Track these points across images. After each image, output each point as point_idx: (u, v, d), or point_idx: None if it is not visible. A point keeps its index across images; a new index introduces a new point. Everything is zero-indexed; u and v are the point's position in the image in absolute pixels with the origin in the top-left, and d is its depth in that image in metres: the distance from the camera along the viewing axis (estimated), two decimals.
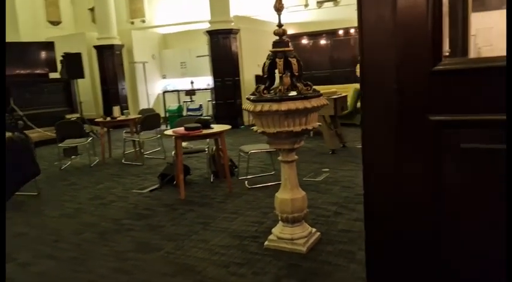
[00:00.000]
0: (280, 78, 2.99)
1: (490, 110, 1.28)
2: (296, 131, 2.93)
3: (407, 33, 1.36)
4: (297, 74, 2.98)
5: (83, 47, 11.53)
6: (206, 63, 10.77)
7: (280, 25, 3.05)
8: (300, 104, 2.84)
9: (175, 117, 10.95)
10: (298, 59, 3.01)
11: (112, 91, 11.71)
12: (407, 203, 1.49)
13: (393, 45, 1.39)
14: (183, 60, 12.71)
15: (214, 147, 5.42)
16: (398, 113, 1.43)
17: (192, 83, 12.28)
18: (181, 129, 4.64)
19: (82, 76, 10.12)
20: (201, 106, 11.17)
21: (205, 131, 4.61)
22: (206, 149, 5.37)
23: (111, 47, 11.52)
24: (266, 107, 2.86)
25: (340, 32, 11.98)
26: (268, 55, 3.05)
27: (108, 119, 7.06)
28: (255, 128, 3.12)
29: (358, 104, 9.58)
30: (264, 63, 3.04)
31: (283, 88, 2.96)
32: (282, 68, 2.95)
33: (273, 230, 3.31)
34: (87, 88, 11.86)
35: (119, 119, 7.11)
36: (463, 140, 1.33)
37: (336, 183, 4.86)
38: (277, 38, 3.07)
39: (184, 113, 11.34)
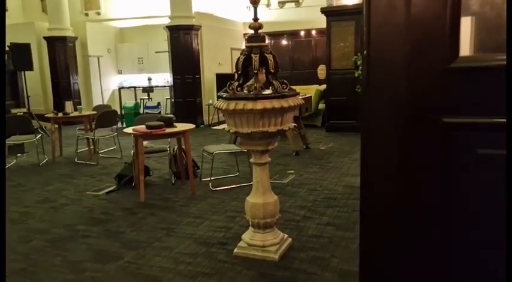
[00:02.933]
0: (255, 74, 2.81)
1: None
2: (271, 131, 2.76)
3: (422, 25, 1.22)
4: (273, 70, 2.81)
5: (31, 37, 10.80)
6: (165, 59, 10.40)
7: (256, 19, 2.86)
8: (276, 103, 2.67)
9: (131, 115, 10.51)
10: (274, 55, 2.84)
11: (63, 85, 11.05)
12: (410, 209, 1.35)
13: (405, 39, 1.25)
14: (140, 56, 12.24)
15: (176, 147, 5.16)
16: (406, 112, 1.29)
17: (149, 79, 11.84)
18: (142, 128, 4.34)
19: (31, 68, 9.45)
20: (159, 104, 10.79)
21: (168, 130, 4.34)
22: (168, 149, 5.08)
23: (63, 38, 10.86)
24: (240, 105, 2.67)
25: (302, 33, 11.99)
26: (243, 50, 2.87)
27: (60, 114, 6.58)
28: (226, 127, 2.92)
29: (320, 106, 9.62)
30: (238, 59, 2.85)
31: (258, 85, 2.78)
32: (258, 64, 2.77)
33: (243, 236, 3.12)
34: (36, 81, 11.13)
35: (72, 115, 6.65)
36: (481, 145, 1.21)
37: (302, 186, 4.74)
38: (252, 32, 2.88)
39: (142, 110, 10.91)
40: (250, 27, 2.89)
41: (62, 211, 4.18)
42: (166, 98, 11.19)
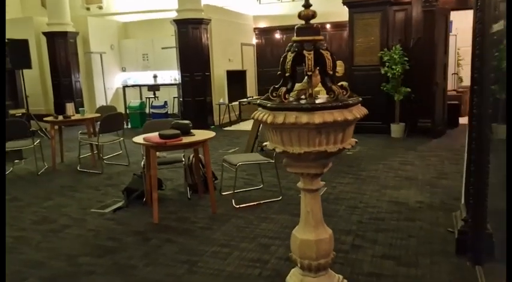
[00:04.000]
0: (308, 77, 2.18)
1: None
2: (331, 151, 2.13)
3: None
4: (331, 72, 2.17)
5: (30, 33, 10.19)
6: (171, 55, 9.76)
7: (307, 5, 2.23)
8: (338, 115, 2.04)
9: (136, 115, 9.93)
10: (332, 53, 2.21)
11: (64, 84, 10.42)
12: None
13: None
14: (145, 52, 11.61)
15: (191, 156, 4.54)
16: None
17: (155, 77, 11.22)
18: (155, 137, 3.72)
19: (29, 66, 8.82)
20: (165, 103, 10.15)
21: (186, 139, 3.71)
22: (183, 159, 4.45)
23: (63, 34, 10.23)
24: (291, 118, 2.03)
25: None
26: (291, 46, 2.23)
27: (60, 117, 5.96)
28: (269, 145, 2.28)
29: None
30: (285, 57, 2.21)
31: (313, 92, 2.15)
32: (313, 64, 2.13)
33: (288, 278, 2.50)
34: (35, 80, 10.53)
35: (73, 118, 6.02)
36: None
37: (340, 202, 4.12)
38: (303, 22, 2.24)
39: (147, 110, 10.29)
40: (300, 16, 2.25)
41: (62, 235, 3.56)
42: (174, 97, 10.56)
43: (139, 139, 3.82)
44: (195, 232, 3.51)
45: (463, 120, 8.67)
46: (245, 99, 10.04)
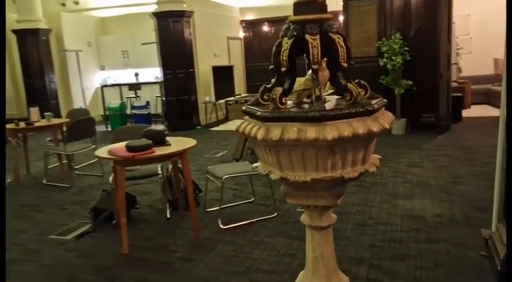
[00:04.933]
0: (314, 72, 1.54)
1: None
2: (349, 177, 1.50)
3: None
4: (345, 64, 1.54)
5: None
6: (153, 52, 9.05)
7: None
8: (360, 126, 1.41)
9: (117, 117, 9.23)
10: (345, 37, 1.57)
11: (38, 85, 9.66)
12: None
13: None
14: (125, 49, 10.88)
15: (170, 167, 3.90)
16: None
17: (136, 75, 10.51)
18: (121, 149, 3.06)
19: None
20: (148, 103, 9.43)
21: (159, 151, 3.05)
22: (159, 172, 3.79)
23: (34, 31, 9.45)
24: (292, 132, 1.40)
25: None
26: (287, 29, 1.59)
27: (22, 124, 5.25)
28: (261, 168, 1.64)
29: None
30: (279, 45, 1.58)
31: (321, 93, 1.51)
32: (319, 54, 1.50)
33: None
34: (6, 81, 9.73)
35: (37, 125, 5.32)
36: None
37: (346, 218, 3.49)
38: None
39: (129, 111, 9.58)
40: None
41: (9, 275, 2.90)
42: (157, 96, 9.86)
43: (103, 152, 3.15)
44: (174, 265, 2.86)
45: (466, 113, 8.13)
46: (232, 98, 9.34)
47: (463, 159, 5.19)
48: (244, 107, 1.64)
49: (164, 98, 8.85)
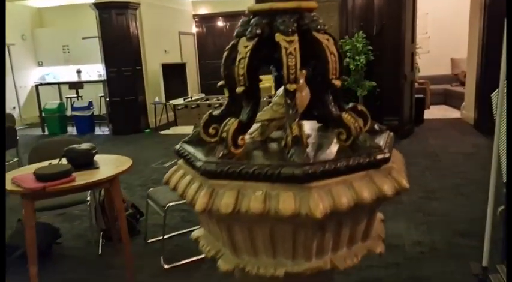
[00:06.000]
0: (289, 94, 0.96)
1: None
2: (343, 266, 0.94)
3: None
4: (337, 82, 0.98)
5: None
6: (96, 47, 8.19)
7: None
8: (365, 187, 0.85)
9: (55, 119, 8.31)
10: (335, 39, 1.01)
11: None
12: None
13: None
14: (65, 43, 9.89)
15: (102, 190, 3.22)
16: None
17: (79, 72, 9.56)
18: (29, 177, 2.35)
19: None
20: (90, 104, 8.54)
21: (82, 178, 2.37)
22: (88, 199, 3.10)
23: None
24: (255, 201, 0.82)
25: None
26: (246, 24, 1.01)
27: None
28: (204, 243, 1.06)
29: None
30: (233, 48, 0.99)
31: (302, 132, 0.94)
32: (297, 66, 0.92)
33: None
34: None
35: None
36: None
37: None
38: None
39: (69, 112, 8.66)
40: None
41: None
42: (100, 96, 8.98)
43: (7, 183, 2.42)
44: None
45: (427, 114, 7.90)
46: (181, 102, 8.56)
47: (431, 168, 4.83)
48: (178, 146, 1.04)
49: (108, 99, 8.02)
